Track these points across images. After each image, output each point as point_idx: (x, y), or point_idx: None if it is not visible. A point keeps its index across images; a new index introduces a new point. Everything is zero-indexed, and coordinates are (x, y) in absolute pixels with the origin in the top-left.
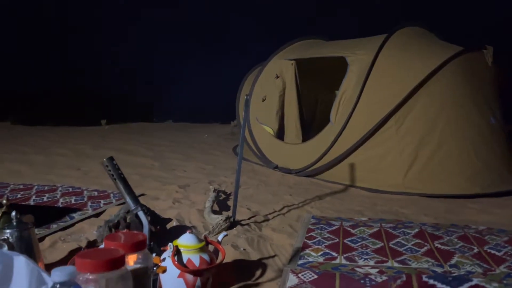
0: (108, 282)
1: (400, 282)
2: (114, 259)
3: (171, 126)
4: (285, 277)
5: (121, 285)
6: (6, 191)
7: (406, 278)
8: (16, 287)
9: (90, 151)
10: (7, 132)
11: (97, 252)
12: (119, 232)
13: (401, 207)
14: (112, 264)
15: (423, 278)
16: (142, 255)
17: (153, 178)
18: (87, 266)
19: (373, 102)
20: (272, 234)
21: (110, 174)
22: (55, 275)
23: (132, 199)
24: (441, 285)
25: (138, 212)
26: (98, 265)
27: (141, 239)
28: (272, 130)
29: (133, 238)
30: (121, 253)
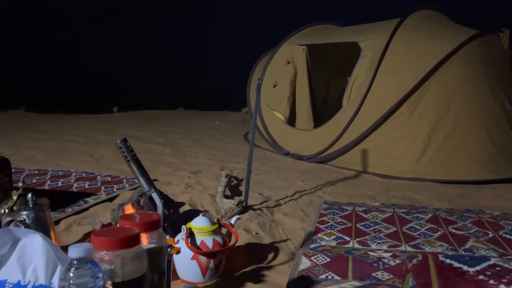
0: (123, 260)
1: (416, 262)
2: (129, 237)
3: (182, 113)
4: (297, 260)
5: (136, 263)
6: (21, 176)
7: (422, 257)
8: (33, 264)
9: (102, 137)
10: (21, 119)
11: (113, 230)
12: (133, 212)
13: (414, 192)
14: (127, 242)
15: (440, 257)
16: (156, 234)
17: (165, 164)
18: (102, 243)
19: (386, 87)
20: (284, 218)
21: (124, 155)
22: (72, 251)
23: (146, 181)
24: (458, 264)
25: (152, 193)
26: (113, 243)
27: (156, 219)
28: (283, 117)
29: (147, 217)
30: (136, 232)
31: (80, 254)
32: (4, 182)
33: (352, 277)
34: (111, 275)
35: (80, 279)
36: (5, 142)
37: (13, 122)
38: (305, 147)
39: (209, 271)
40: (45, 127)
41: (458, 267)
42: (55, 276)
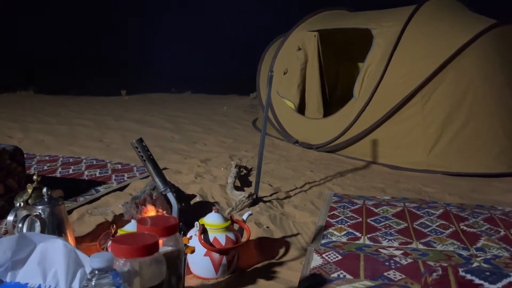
0: (142, 266)
1: (436, 276)
2: (149, 245)
3: (190, 97)
4: (309, 257)
5: (156, 270)
6: (33, 162)
7: (442, 271)
8: (54, 268)
9: (112, 122)
10: (30, 101)
11: (132, 237)
12: (152, 216)
13: (424, 185)
14: (147, 250)
15: (460, 272)
16: (174, 238)
17: (174, 151)
18: (122, 251)
19: (399, 76)
20: (294, 211)
21: (140, 155)
22: (94, 261)
23: (161, 181)
24: (478, 281)
25: (167, 193)
26: (133, 251)
27: (173, 223)
28: (293, 105)
29: (165, 222)
30: (156, 239)
31: (102, 264)
32: (17, 172)
33: (364, 276)
34: (131, 283)
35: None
36: (16, 125)
37: (24, 104)
38: (315, 136)
39: (222, 267)
40: (55, 110)
41: (479, 284)
42: (75, 281)
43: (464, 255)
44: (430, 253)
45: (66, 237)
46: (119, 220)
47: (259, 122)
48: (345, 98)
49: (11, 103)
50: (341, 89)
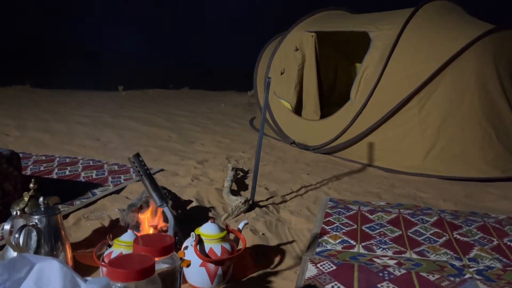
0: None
1: None
2: (145, 269)
3: (187, 93)
4: (304, 267)
5: None
6: (29, 163)
7: None
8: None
9: (109, 119)
10: (28, 96)
11: (128, 259)
12: (148, 235)
13: (420, 190)
14: (143, 274)
15: None
16: (170, 257)
17: (171, 151)
18: (119, 275)
19: (396, 80)
20: (290, 217)
21: (137, 170)
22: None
23: (158, 195)
24: None
25: (163, 208)
26: (129, 275)
27: (169, 243)
28: (290, 105)
29: (161, 242)
30: (151, 262)
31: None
32: (14, 176)
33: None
34: None
35: None
36: (12, 122)
37: (20, 99)
38: (311, 137)
39: (217, 278)
40: (52, 106)
41: None
42: None
43: (457, 266)
44: (423, 264)
45: (63, 246)
46: (115, 226)
47: (256, 121)
48: (343, 97)
49: (7, 98)
50: (339, 89)
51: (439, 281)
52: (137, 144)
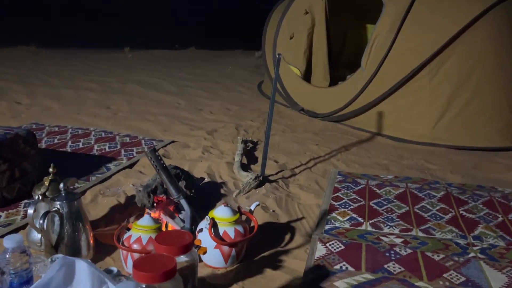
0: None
1: None
2: (168, 271)
3: (194, 54)
4: (313, 246)
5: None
6: (43, 135)
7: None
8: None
9: (117, 85)
10: (33, 59)
11: (151, 260)
12: (168, 233)
13: (428, 161)
14: (166, 275)
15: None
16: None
17: (180, 120)
18: (144, 278)
19: (408, 48)
20: (299, 192)
21: (154, 165)
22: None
23: (174, 188)
24: None
25: (180, 200)
26: (154, 278)
27: (189, 241)
28: (299, 71)
29: (181, 240)
30: (174, 264)
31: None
32: (31, 155)
33: (365, 269)
34: None
35: None
36: (22, 89)
37: (27, 62)
38: (320, 105)
39: (231, 258)
40: (59, 70)
41: None
42: None
43: (462, 244)
44: (429, 242)
45: (84, 228)
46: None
47: (264, 86)
48: (352, 60)
49: (14, 61)
50: (349, 50)
51: (444, 261)
52: (147, 112)
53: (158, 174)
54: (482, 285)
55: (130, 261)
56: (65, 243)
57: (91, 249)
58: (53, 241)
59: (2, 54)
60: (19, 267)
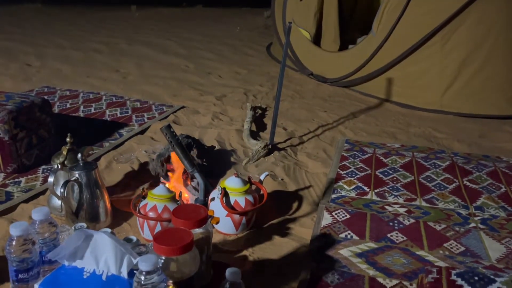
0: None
1: (431, 279)
2: (186, 245)
3: (201, 13)
4: (320, 215)
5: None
6: (55, 99)
7: (437, 273)
8: (104, 256)
9: (125, 46)
10: (40, 17)
11: (170, 234)
12: (184, 207)
13: (435, 129)
14: (185, 248)
15: (452, 276)
16: (205, 226)
17: (190, 84)
18: (163, 251)
19: (420, 14)
20: (307, 160)
21: (169, 141)
22: (143, 265)
23: (189, 163)
24: (467, 287)
25: (194, 174)
26: (173, 251)
27: (204, 215)
28: (309, 35)
29: (197, 214)
30: (191, 237)
31: (150, 268)
32: (47, 122)
33: (369, 238)
34: (171, 276)
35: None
36: (31, 50)
37: (34, 21)
38: (330, 70)
39: (242, 226)
40: (66, 30)
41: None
42: (123, 266)
43: (463, 214)
44: (431, 212)
45: (101, 195)
46: (143, 169)
47: (273, 48)
48: (363, 22)
49: (21, 20)
50: (360, 12)
51: (445, 231)
52: (156, 76)
53: (173, 149)
54: (480, 255)
55: (147, 228)
56: (84, 210)
57: (108, 215)
58: (73, 208)
59: (8, 12)
60: (47, 237)
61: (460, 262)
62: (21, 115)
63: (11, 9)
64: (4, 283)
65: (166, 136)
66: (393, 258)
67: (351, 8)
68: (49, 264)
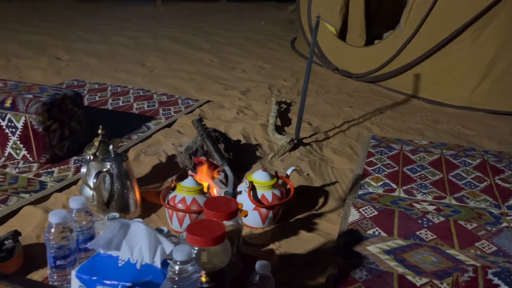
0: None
1: (467, 278)
2: (219, 236)
3: (225, 7)
4: (347, 211)
5: (223, 254)
6: (84, 92)
7: (472, 272)
8: (138, 245)
9: (150, 40)
10: (67, 11)
11: (203, 225)
12: (214, 199)
13: (464, 126)
14: (218, 239)
15: (489, 275)
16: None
17: (214, 79)
18: (197, 242)
19: (450, 7)
20: (333, 156)
21: (200, 133)
22: (177, 255)
23: (219, 155)
24: (504, 286)
25: (224, 167)
26: (207, 242)
27: (235, 208)
28: (334, 29)
29: (228, 207)
30: (224, 229)
31: (184, 258)
32: (78, 115)
33: (398, 235)
34: (202, 267)
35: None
36: (60, 44)
37: (61, 16)
38: (355, 65)
39: (268, 219)
40: (93, 25)
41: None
42: (156, 255)
43: (495, 214)
44: (462, 211)
45: (132, 186)
46: (171, 162)
47: (298, 43)
48: (389, 17)
49: (50, 15)
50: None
51: (476, 230)
52: (181, 70)
53: (204, 142)
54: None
55: (175, 220)
56: (115, 200)
57: (138, 206)
58: (104, 198)
59: (38, 7)
60: (84, 226)
61: (492, 262)
62: (54, 107)
63: (41, 4)
64: (40, 270)
65: (197, 129)
66: (423, 256)
67: (377, 3)
68: (85, 252)
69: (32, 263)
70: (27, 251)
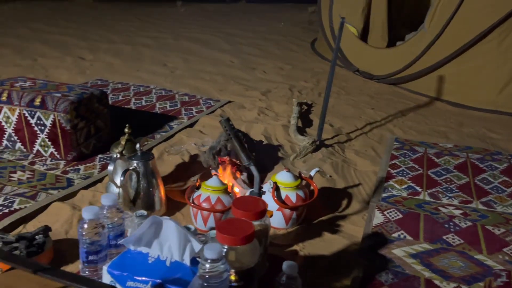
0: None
1: (500, 283)
2: (249, 235)
3: (245, 8)
4: (371, 213)
5: (252, 253)
6: (108, 91)
7: (506, 277)
8: (168, 242)
9: (171, 41)
10: (91, 12)
11: (231, 224)
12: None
13: (490, 130)
14: (247, 238)
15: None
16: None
17: (235, 79)
18: (227, 240)
19: (476, 9)
20: (355, 158)
21: (227, 133)
22: (208, 253)
23: (245, 155)
24: None
25: (250, 166)
26: (237, 240)
27: (263, 208)
28: (356, 30)
29: (257, 206)
30: (253, 228)
31: (215, 256)
32: (104, 113)
33: (424, 238)
34: (232, 266)
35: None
36: (85, 44)
37: (85, 17)
38: (377, 66)
39: (292, 220)
40: (116, 25)
41: None
42: (186, 253)
43: None
44: (489, 215)
45: (157, 184)
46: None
47: (318, 44)
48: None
49: (73, 15)
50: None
51: (504, 236)
52: (202, 70)
53: (230, 142)
54: None
55: (200, 218)
56: (141, 198)
57: (163, 204)
58: (131, 196)
59: (62, 8)
60: (115, 222)
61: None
62: (81, 106)
63: (65, 5)
64: (69, 264)
65: (224, 128)
66: (450, 260)
67: (399, 4)
68: (116, 248)
69: (62, 258)
70: (56, 246)
